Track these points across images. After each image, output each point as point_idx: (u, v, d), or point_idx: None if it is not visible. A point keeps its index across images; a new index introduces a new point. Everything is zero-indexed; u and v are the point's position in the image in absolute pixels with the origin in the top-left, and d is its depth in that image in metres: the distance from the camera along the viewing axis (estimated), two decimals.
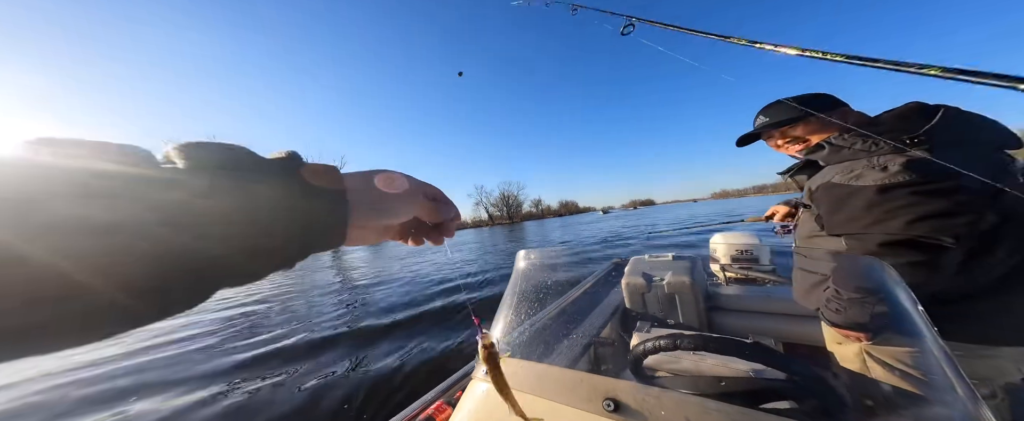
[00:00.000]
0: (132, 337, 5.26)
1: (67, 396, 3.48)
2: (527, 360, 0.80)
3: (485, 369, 0.50)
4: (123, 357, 4.53)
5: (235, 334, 5.16)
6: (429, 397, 1.29)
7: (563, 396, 0.68)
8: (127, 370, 4.06)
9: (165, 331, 5.61)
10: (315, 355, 3.94)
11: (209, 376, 3.62)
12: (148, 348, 4.81)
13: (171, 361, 4.23)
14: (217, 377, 3.58)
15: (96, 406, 3.23)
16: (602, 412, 0.63)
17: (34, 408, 3.31)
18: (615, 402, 0.63)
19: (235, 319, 6.16)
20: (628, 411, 0.62)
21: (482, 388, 0.78)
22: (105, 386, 3.64)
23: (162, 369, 3.99)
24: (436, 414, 1.18)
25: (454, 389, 1.34)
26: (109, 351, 4.74)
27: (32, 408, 3.32)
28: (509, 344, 0.92)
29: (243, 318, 6.18)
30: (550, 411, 0.66)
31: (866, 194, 0.76)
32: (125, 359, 4.43)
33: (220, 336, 5.13)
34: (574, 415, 0.65)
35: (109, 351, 4.74)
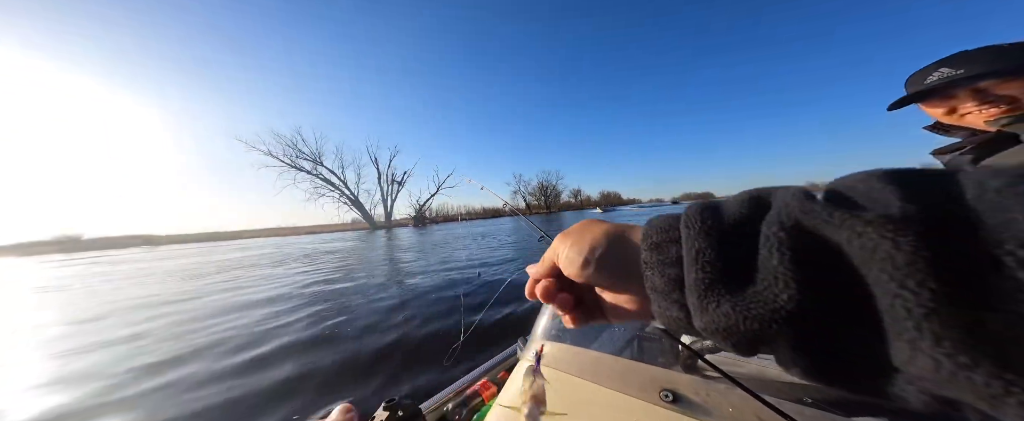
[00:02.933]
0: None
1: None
2: (579, 346, 0.79)
3: (533, 352, 0.48)
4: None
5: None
6: (474, 375, 1.33)
7: (617, 383, 0.66)
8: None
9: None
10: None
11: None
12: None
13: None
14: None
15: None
16: (659, 402, 0.59)
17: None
18: (674, 394, 0.59)
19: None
20: (689, 404, 0.58)
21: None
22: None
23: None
24: (482, 390, 1.21)
25: (498, 368, 1.37)
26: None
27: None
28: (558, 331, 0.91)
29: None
30: (603, 397, 0.65)
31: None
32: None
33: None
34: (626, 402, 0.62)
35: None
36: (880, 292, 0.15)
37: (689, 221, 0.23)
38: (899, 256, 0.14)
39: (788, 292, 0.17)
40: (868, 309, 0.16)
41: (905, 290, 0.14)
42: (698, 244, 0.21)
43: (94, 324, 5.35)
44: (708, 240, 0.21)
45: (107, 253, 44.20)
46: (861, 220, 0.16)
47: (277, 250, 21.01)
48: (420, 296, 5.63)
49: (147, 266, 16.23)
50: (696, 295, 0.21)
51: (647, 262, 0.25)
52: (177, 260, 19.13)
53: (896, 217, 0.15)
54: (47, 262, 30.55)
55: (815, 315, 0.17)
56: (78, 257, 37.54)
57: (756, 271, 0.19)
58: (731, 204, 0.23)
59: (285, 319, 4.73)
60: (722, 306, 0.19)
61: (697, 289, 0.21)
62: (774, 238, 0.18)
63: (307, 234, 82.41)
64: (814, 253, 0.17)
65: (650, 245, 0.25)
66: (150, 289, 8.58)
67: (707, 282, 0.20)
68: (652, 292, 0.24)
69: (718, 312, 0.20)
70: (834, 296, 0.17)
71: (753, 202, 0.22)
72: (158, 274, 12.27)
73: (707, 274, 0.20)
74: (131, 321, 5.30)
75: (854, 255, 0.16)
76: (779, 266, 0.18)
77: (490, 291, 5.21)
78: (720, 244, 0.21)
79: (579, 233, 0.29)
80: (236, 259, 16.42)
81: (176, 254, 26.51)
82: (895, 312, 0.15)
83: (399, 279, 7.29)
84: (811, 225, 0.17)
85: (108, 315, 5.92)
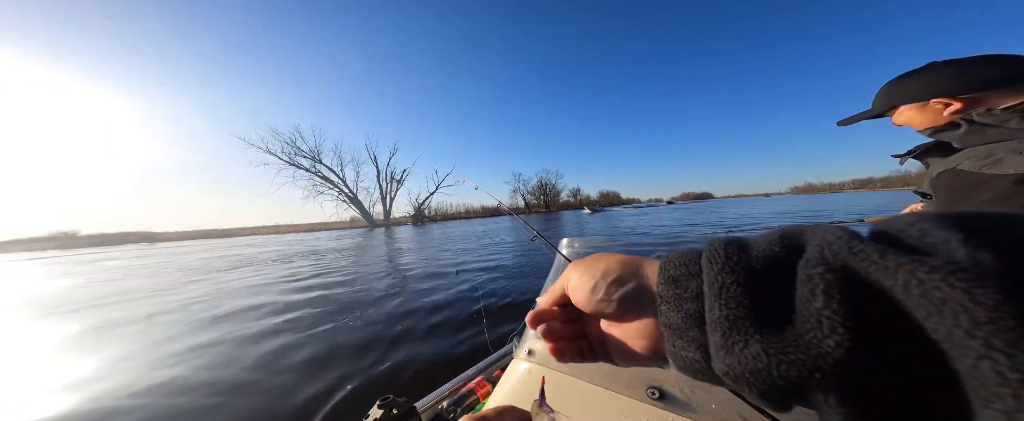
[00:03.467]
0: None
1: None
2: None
3: (526, 349, 0.48)
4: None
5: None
6: (470, 373, 1.34)
7: (604, 380, 0.66)
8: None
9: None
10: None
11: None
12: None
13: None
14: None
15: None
16: (645, 399, 0.60)
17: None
18: (660, 391, 0.60)
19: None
20: (675, 401, 0.59)
21: (523, 367, 0.78)
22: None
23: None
24: (477, 389, 1.22)
25: (494, 367, 1.38)
26: None
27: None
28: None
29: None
30: (589, 394, 0.65)
31: (998, 185, 0.60)
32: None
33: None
34: (614, 399, 0.63)
35: None
36: (955, 350, 0.13)
37: (712, 256, 0.21)
38: (978, 312, 0.12)
39: (835, 338, 0.15)
40: (936, 366, 0.14)
41: (994, 351, 0.12)
42: (723, 279, 0.19)
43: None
44: (734, 275, 0.19)
45: (111, 250, 43.87)
46: (923, 266, 0.14)
47: (284, 248, 20.87)
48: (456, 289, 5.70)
49: (187, 259, 16.06)
50: (720, 332, 0.19)
51: (663, 296, 0.23)
52: (195, 255, 18.99)
53: (965, 265, 0.13)
54: (65, 258, 30.27)
55: (867, 366, 0.15)
56: (85, 253, 37.30)
57: (794, 313, 0.17)
58: (759, 241, 0.21)
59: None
60: (751, 347, 0.17)
61: (721, 326, 0.19)
62: (819, 279, 0.16)
63: (306, 231, 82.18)
64: (864, 298, 0.15)
65: (667, 278, 0.23)
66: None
67: (732, 318, 0.18)
68: (667, 329, 0.22)
69: (746, 353, 0.18)
70: (889, 347, 0.15)
71: (786, 240, 0.20)
72: (224, 262, 12.41)
73: (733, 310, 0.18)
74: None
75: (913, 305, 0.14)
76: (824, 309, 0.16)
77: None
78: (750, 280, 0.19)
79: (593, 260, 0.28)
80: (250, 254, 16.36)
81: (187, 250, 26.32)
82: (982, 375, 0.13)
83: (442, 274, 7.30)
84: (861, 267, 0.16)
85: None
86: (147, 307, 5.50)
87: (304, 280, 7.05)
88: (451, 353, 2.92)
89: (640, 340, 0.25)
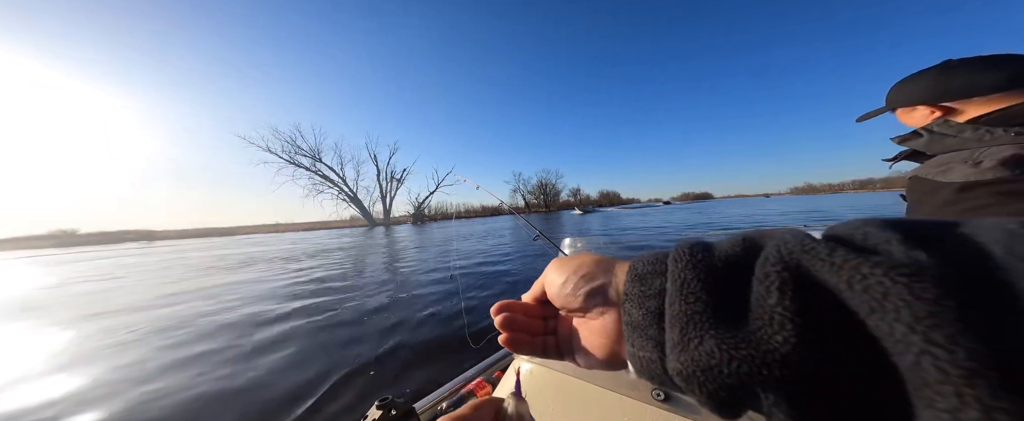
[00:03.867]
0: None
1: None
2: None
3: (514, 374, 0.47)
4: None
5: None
6: (469, 374, 1.33)
7: (609, 382, 0.66)
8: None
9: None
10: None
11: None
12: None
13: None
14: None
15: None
16: (651, 401, 0.60)
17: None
18: (665, 392, 0.60)
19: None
20: (680, 403, 0.58)
21: (523, 368, 0.78)
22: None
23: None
24: (476, 390, 1.21)
25: (493, 368, 1.37)
26: None
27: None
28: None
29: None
30: (594, 396, 0.65)
31: (944, 193, 0.63)
32: None
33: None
34: (618, 401, 0.62)
35: None
36: (896, 346, 0.13)
37: (678, 255, 0.21)
38: (918, 305, 0.12)
39: (783, 334, 0.15)
40: (880, 363, 0.14)
41: (934, 346, 0.12)
42: (685, 275, 0.20)
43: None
44: (695, 272, 0.20)
45: (110, 248, 43.91)
46: (867, 262, 0.14)
47: (293, 246, 20.87)
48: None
49: (195, 257, 16.01)
50: (678, 328, 0.19)
51: (628, 294, 0.23)
52: (204, 253, 18.98)
53: (904, 261, 0.14)
54: (69, 256, 30.31)
55: (813, 363, 0.15)
56: (86, 251, 37.31)
57: (749, 311, 0.17)
58: (724, 243, 0.21)
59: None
60: (705, 343, 0.18)
61: (680, 321, 0.19)
62: (774, 276, 0.17)
63: (305, 230, 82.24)
64: (815, 296, 0.16)
65: (634, 276, 0.23)
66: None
67: (690, 313, 0.19)
68: (627, 327, 0.23)
69: (700, 350, 0.18)
70: (837, 344, 0.15)
71: (747, 242, 0.20)
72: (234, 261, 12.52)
73: (690, 305, 0.19)
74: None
75: (857, 301, 0.14)
76: (776, 305, 0.16)
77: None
78: (709, 276, 0.19)
79: (571, 258, 0.29)
80: (261, 251, 16.41)
81: (191, 248, 26.25)
82: (923, 372, 0.12)
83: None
84: (812, 265, 0.16)
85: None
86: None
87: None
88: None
89: (601, 339, 0.25)
